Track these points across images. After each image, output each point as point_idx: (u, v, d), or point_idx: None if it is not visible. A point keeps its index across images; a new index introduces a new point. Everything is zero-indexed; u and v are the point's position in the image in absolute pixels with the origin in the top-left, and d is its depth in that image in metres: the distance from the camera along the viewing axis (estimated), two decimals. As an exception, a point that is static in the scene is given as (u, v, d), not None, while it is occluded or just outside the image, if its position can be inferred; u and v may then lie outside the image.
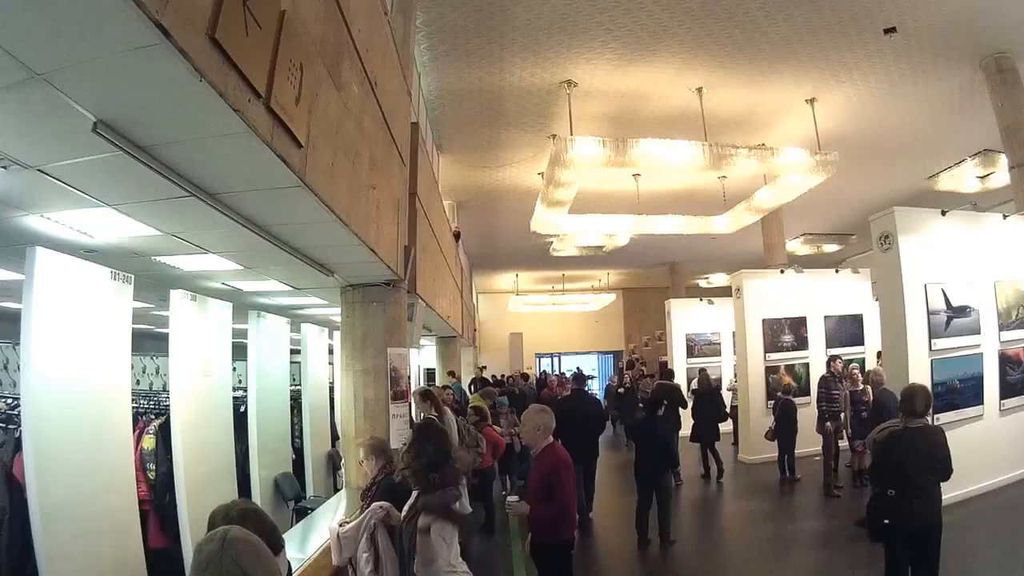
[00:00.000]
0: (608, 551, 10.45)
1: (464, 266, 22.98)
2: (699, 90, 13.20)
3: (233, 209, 4.80)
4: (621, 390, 16.96)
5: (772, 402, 14.71)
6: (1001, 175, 17.63)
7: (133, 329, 6.74)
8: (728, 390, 19.61)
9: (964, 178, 19.54)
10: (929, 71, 13.36)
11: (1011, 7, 11.34)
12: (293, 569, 3.73)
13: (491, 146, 15.57)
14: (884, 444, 6.26)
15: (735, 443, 17.92)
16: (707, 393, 15.85)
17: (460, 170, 16.89)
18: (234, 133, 3.44)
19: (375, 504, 5.11)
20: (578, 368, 33.00)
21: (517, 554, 9.87)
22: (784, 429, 13.47)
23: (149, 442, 8.32)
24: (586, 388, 13.25)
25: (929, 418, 6.67)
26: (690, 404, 16.27)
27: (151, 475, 8.20)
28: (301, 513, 10.25)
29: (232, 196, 4.58)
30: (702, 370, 18.20)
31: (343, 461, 9.47)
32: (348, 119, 5.39)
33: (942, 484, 6.16)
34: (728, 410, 17.94)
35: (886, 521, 6.02)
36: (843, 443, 12.93)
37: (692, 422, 15.56)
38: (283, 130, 3.83)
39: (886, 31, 11.64)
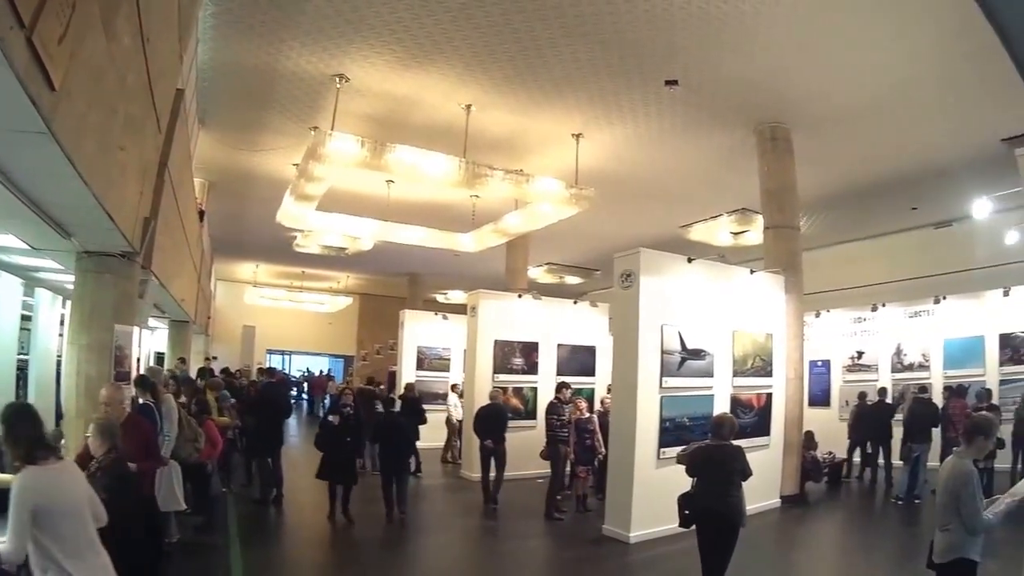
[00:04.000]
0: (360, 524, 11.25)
1: (206, 249, 22.08)
2: (468, 107, 13.38)
3: (-29, 148, 4.37)
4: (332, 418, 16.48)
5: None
6: (755, 234, 18.81)
7: None
8: (453, 406, 19.98)
9: (718, 231, 20.88)
10: (703, 126, 14.25)
11: (793, 83, 12.43)
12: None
13: (254, 128, 15.03)
14: (691, 454, 7.93)
15: (457, 459, 18.48)
16: (411, 401, 16.18)
17: (218, 148, 16.20)
18: (-14, 61, 3.10)
19: None
20: (322, 370, 32.72)
21: (236, 553, 9.56)
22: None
23: None
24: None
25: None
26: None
27: None
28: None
29: (-28, 133, 4.15)
30: (433, 385, 20.45)
31: (63, 442, 8.81)
32: (111, 71, 5.01)
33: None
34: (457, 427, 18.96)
35: (687, 512, 7.62)
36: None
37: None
38: (39, 68, 3.48)
39: (668, 83, 12.23)
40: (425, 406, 16.84)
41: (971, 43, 10.15)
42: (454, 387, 20.26)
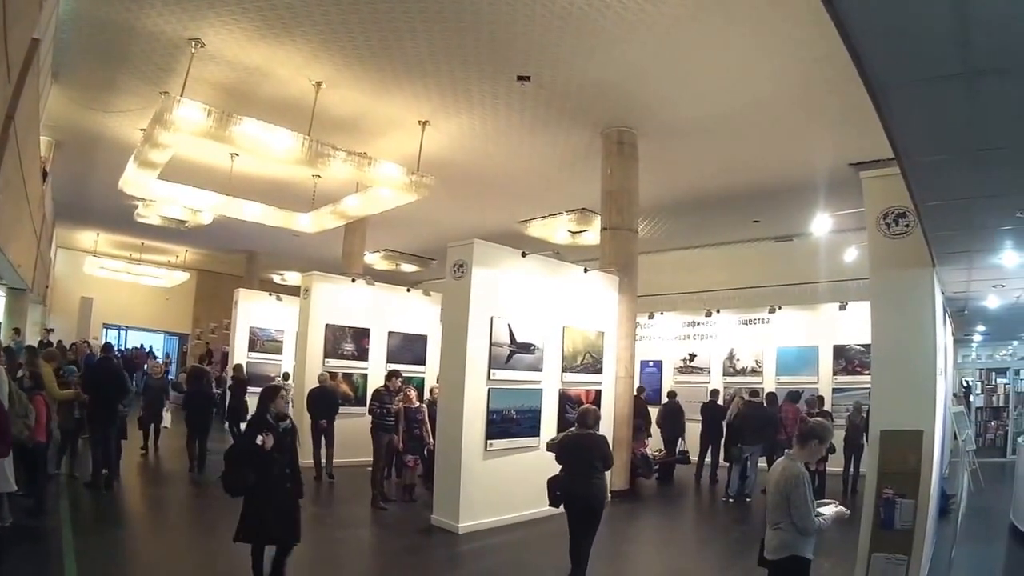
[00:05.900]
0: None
1: (48, 213, 21.15)
2: (319, 84, 13.34)
3: None
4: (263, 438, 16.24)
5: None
6: (592, 234, 19.29)
7: None
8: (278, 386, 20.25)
9: (557, 229, 21.32)
10: (550, 125, 14.62)
11: (647, 90, 12.95)
12: None
13: (108, 88, 14.43)
14: (559, 443, 8.79)
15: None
16: (238, 382, 16.96)
17: (69, 105, 15.44)
18: None
19: None
20: (142, 344, 31.74)
21: (68, 538, 9.27)
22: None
23: None
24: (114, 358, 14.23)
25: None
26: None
27: None
28: None
29: None
30: (265, 368, 21.67)
31: None
32: (-40, 9, 4.87)
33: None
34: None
35: (558, 493, 8.42)
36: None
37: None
38: None
39: (520, 78, 12.49)
40: (255, 388, 16.81)
41: (832, 71, 10.85)
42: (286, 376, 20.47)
